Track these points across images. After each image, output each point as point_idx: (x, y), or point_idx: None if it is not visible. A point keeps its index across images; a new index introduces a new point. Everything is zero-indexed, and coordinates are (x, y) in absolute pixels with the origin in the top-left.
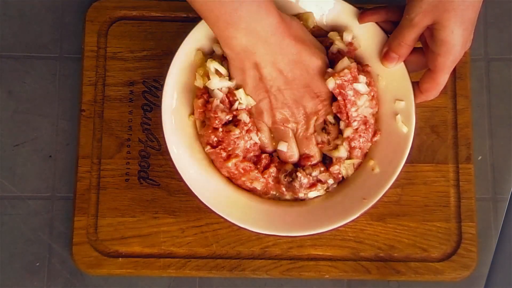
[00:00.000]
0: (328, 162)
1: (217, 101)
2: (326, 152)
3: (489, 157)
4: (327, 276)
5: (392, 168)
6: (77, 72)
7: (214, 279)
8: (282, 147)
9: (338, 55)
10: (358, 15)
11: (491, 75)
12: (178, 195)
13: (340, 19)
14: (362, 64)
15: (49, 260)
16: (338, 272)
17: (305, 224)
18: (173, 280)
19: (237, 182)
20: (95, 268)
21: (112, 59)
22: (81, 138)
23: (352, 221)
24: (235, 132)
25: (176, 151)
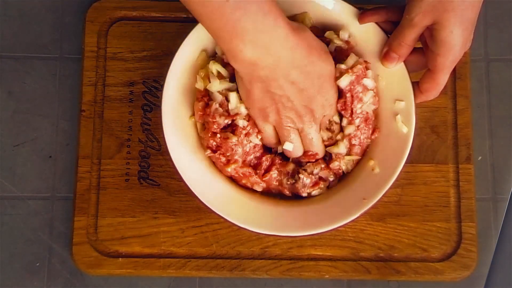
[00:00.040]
0: (328, 159)
1: (216, 105)
2: (326, 149)
3: (489, 157)
4: (327, 276)
5: (392, 168)
6: (77, 72)
7: (214, 279)
8: (288, 147)
9: (335, 54)
10: (358, 16)
11: (491, 76)
12: (178, 195)
13: (340, 19)
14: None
15: (49, 260)
16: (338, 272)
17: (305, 224)
18: (173, 280)
19: (240, 183)
20: (95, 268)
21: (112, 60)
22: (81, 138)
23: (352, 221)
24: (232, 140)
25: (176, 151)
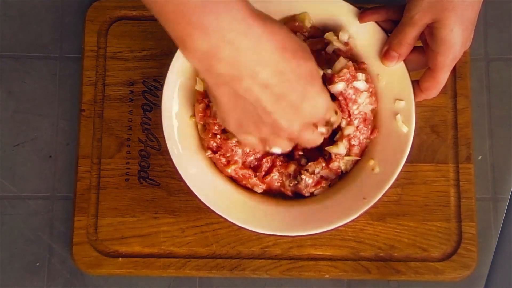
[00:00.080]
0: (328, 158)
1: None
2: (326, 148)
3: (489, 157)
4: (327, 276)
5: (392, 168)
6: (77, 72)
7: (214, 279)
8: (276, 151)
9: (334, 56)
10: (359, 15)
11: (491, 75)
12: (178, 195)
13: (340, 19)
14: (358, 62)
15: (49, 260)
16: (338, 272)
17: (305, 224)
18: (173, 280)
19: (240, 184)
20: (95, 268)
21: (112, 59)
22: (81, 138)
23: (352, 221)
24: (232, 141)
25: (176, 151)
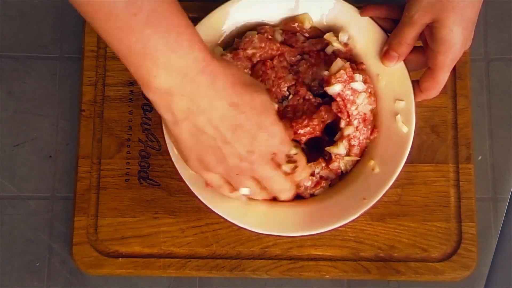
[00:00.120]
0: (328, 159)
1: None
2: (326, 149)
3: (489, 157)
4: (327, 276)
5: (392, 168)
6: (77, 72)
7: (214, 279)
8: (244, 192)
9: (333, 57)
10: (360, 9)
11: (491, 75)
12: (178, 195)
13: (339, 19)
14: (357, 63)
15: (49, 260)
16: (338, 272)
17: (305, 224)
18: (173, 280)
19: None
20: (95, 268)
21: (112, 59)
22: (81, 138)
23: (352, 221)
24: None
25: (176, 151)
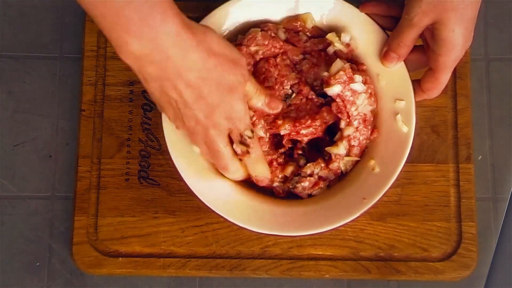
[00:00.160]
0: (327, 159)
1: None
2: (326, 149)
3: (489, 157)
4: (327, 276)
5: (392, 168)
6: (77, 72)
7: (214, 279)
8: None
9: (334, 57)
10: (361, 5)
11: (491, 75)
12: (178, 195)
13: (340, 19)
14: (358, 64)
15: (49, 260)
16: (338, 272)
17: (305, 224)
18: (173, 280)
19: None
20: (95, 268)
21: (112, 59)
22: (81, 138)
23: (352, 221)
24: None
25: (176, 151)
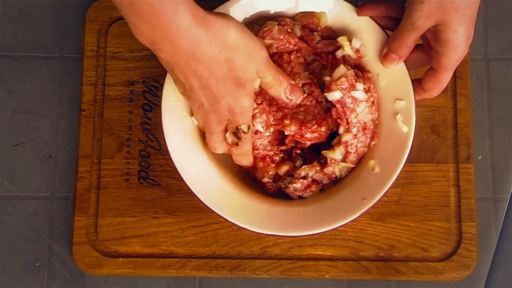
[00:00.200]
0: (323, 162)
1: None
2: (322, 152)
3: (489, 157)
4: (327, 276)
5: (392, 168)
6: (77, 72)
7: (214, 279)
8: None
9: (341, 61)
10: (357, 8)
11: (491, 75)
12: (178, 195)
13: (340, 19)
14: (363, 71)
15: (49, 260)
16: (338, 272)
17: (305, 224)
18: (173, 280)
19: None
20: (95, 268)
21: (112, 59)
22: (81, 138)
23: (352, 221)
24: None
25: (176, 151)
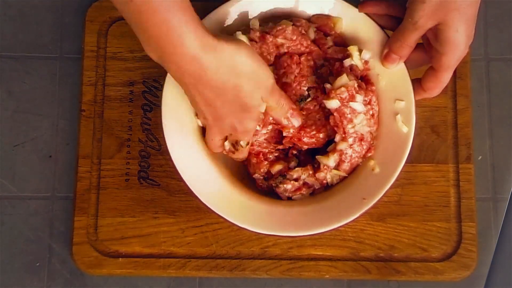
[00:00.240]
0: (316, 167)
1: None
2: (316, 157)
3: (489, 157)
4: (327, 276)
5: (393, 168)
6: (77, 72)
7: (214, 279)
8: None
9: (348, 70)
10: (359, 4)
11: (491, 75)
12: (178, 195)
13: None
14: (368, 83)
15: (49, 260)
16: (338, 272)
17: (306, 224)
18: (173, 280)
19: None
20: (95, 268)
21: (112, 59)
22: (81, 138)
23: (352, 221)
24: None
25: (176, 151)
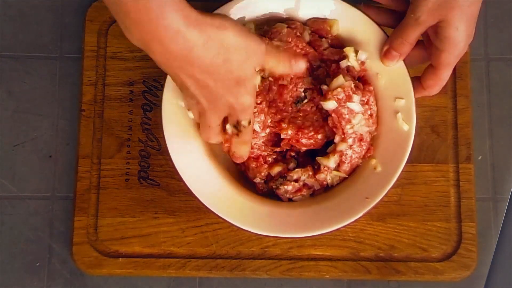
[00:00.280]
0: (316, 168)
1: None
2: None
3: (489, 157)
4: (327, 276)
5: (394, 166)
6: (77, 72)
7: (214, 279)
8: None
9: (345, 71)
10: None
11: (491, 75)
12: (178, 195)
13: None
14: (365, 83)
15: (49, 260)
16: (338, 272)
17: (307, 225)
18: (173, 280)
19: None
20: (95, 268)
21: (112, 59)
22: (81, 138)
23: (354, 221)
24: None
25: (176, 151)
